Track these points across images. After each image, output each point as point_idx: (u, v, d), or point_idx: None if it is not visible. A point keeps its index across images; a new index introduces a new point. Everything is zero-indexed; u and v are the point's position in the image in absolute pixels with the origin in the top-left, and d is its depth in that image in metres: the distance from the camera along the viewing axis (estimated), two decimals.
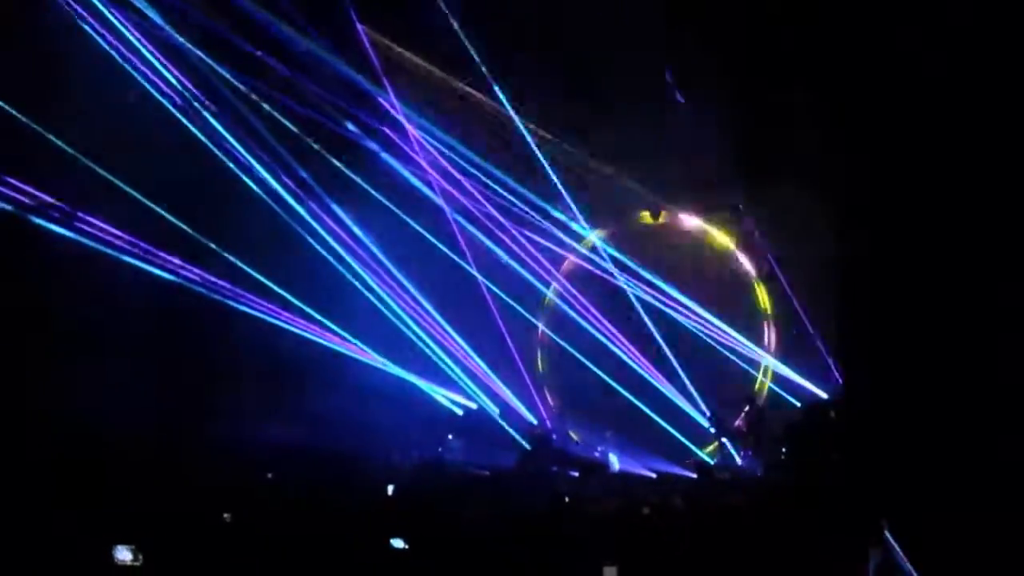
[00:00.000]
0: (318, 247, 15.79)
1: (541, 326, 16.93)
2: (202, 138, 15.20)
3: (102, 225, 14.60)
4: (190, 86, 15.32)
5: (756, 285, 16.31)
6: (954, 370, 11.36)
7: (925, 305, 12.33)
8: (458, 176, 16.42)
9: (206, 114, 15.33)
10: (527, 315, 16.72)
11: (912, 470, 10.55)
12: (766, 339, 16.24)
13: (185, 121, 15.16)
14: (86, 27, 14.47)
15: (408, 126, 16.32)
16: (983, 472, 10.17)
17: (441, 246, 16.23)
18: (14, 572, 9.12)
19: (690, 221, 16.64)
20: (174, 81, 15.21)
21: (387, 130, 16.45)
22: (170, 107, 15.10)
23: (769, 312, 16.19)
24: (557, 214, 16.51)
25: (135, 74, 14.88)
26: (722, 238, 16.46)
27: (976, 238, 11.54)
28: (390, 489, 12.82)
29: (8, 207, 13.97)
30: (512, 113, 16.17)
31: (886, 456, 10.98)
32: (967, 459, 10.44)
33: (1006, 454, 10.30)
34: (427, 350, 16.12)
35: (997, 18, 11.60)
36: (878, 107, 12.81)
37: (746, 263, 16.34)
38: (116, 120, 14.19)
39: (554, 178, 16.25)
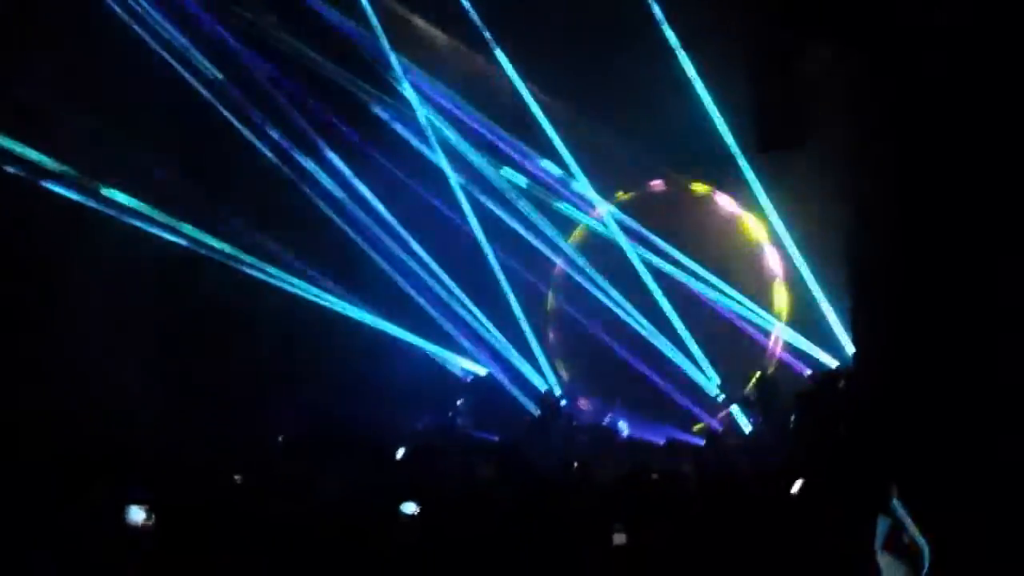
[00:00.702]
0: (329, 212, 15.82)
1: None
2: (215, 103, 15.21)
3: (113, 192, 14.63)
4: (194, 50, 15.33)
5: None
6: (969, 345, 11.35)
7: (939, 279, 12.31)
8: (465, 140, 16.38)
9: (216, 74, 15.33)
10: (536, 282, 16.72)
11: (923, 440, 10.57)
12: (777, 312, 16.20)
13: (195, 82, 15.15)
14: None
15: (411, 92, 16.26)
16: (995, 446, 10.19)
17: (451, 213, 16.25)
18: (25, 535, 9.20)
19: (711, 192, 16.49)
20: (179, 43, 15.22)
21: (395, 95, 16.43)
22: (182, 70, 15.10)
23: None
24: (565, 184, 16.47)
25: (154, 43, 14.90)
26: (744, 212, 16.30)
27: (997, 218, 11.50)
28: (400, 452, 12.88)
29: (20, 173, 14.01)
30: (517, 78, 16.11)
31: (896, 425, 10.99)
32: (980, 430, 10.45)
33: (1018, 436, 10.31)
34: (437, 314, 16.15)
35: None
36: (900, 95, 12.78)
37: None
38: (123, 84, 14.19)
39: (561, 146, 16.19)
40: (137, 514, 9.38)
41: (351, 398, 14.40)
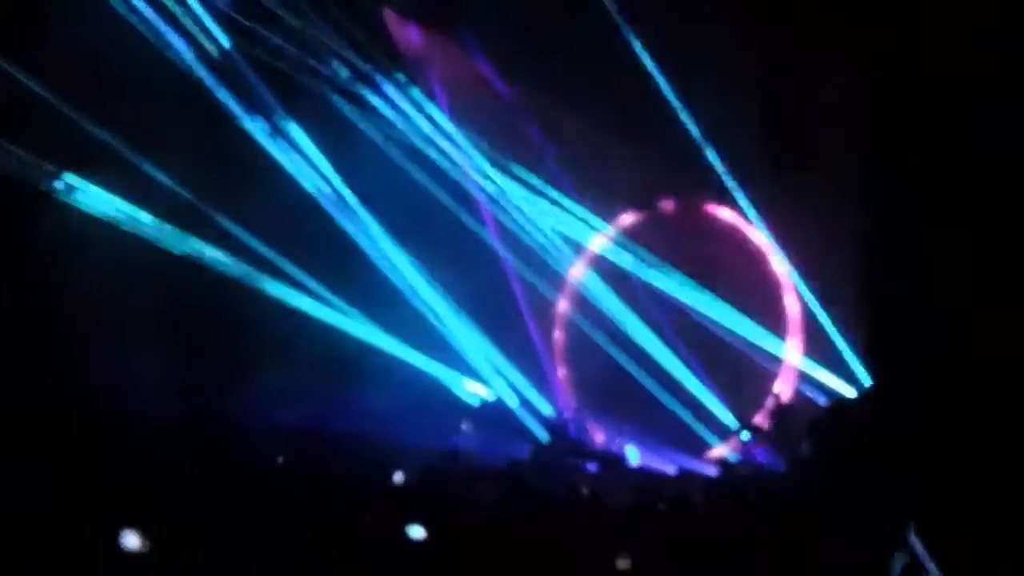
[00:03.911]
0: (338, 230, 15.68)
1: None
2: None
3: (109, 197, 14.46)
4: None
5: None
6: (985, 370, 11.21)
7: (956, 302, 12.17)
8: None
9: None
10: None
11: (939, 471, 10.39)
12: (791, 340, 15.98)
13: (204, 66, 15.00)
14: None
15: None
16: (1013, 475, 10.00)
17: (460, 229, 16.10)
18: (18, 559, 9.05)
19: (724, 215, 16.29)
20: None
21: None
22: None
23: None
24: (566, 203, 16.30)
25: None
26: (757, 236, 16.09)
27: (1012, 234, 11.39)
28: (398, 476, 12.73)
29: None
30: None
31: (912, 456, 10.82)
32: (996, 461, 10.28)
33: None
34: (445, 337, 15.98)
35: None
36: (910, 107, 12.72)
37: (779, 265, 15.98)
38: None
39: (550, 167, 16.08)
40: (131, 539, 9.20)
41: (352, 419, 14.24)
